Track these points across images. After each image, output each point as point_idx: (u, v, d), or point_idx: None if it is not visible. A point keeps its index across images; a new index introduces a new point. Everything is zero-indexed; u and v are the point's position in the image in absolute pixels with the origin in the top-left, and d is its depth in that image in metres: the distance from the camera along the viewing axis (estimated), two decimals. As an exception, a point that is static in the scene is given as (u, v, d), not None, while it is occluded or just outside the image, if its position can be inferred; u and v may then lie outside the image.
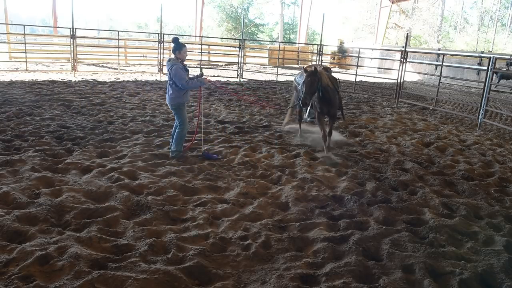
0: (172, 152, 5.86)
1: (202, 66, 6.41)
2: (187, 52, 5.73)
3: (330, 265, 3.31)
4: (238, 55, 16.81)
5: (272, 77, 17.65)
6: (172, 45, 5.71)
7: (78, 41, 16.57)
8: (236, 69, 17.23)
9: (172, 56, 5.71)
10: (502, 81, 17.59)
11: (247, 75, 17.09)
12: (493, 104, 13.52)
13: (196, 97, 11.49)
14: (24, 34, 15.77)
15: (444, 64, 12.27)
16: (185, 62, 5.78)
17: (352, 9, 44.61)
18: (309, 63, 24.89)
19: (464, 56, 21.98)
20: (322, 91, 6.16)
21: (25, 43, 15.17)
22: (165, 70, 17.34)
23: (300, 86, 6.51)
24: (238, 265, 3.30)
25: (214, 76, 16.86)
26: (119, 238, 3.57)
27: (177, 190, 4.68)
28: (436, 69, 21.30)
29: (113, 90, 11.77)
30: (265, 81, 16.52)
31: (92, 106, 9.15)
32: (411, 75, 20.90)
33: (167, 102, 5.89)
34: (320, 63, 7.01)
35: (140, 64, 21.02)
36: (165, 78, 15.90)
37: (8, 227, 3.47)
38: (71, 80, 13.30)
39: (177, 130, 5.83)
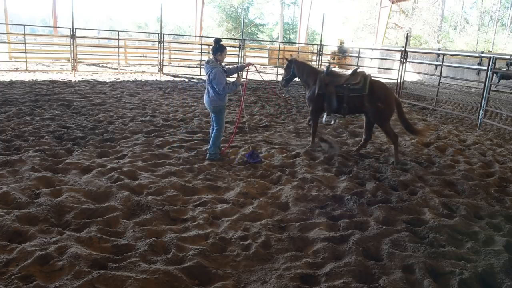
0: (210, 154, 5.86)
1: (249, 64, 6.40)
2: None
3: (330, 265, 3.31)
4: (238, 55, 16.81)
5: (272, 77, 17.65)
6: (213, 46, 5.64)
7: (78, 41, 16.57)
8: (236, 69, 17.20)
9: (211, 57, 5.72)
10: (502, 81, 17.59)
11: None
12: (493, 104, 13.52)
13: (196, 97, 11.50)
14: (24, 34, 15.77)
15: (444, 64, 12.28)
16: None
17: (352, 9, 44.63)
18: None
19: (464, 56, 21.97)
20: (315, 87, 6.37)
21: (25, 43, 15.18)
22: (165, 70, 17.40)
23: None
24: (238, 265, 3.30)
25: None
26: (119, 238, 3.57)
27: (177, 190, 4.68)
28: (436, 69, 21.30)
29: (113, 90, 11.78)
30: (265, 81, 16.50)
31: (92, 106, 9.15)
32: (411, 75, 20.90)
33: (206, 104, 5.90)
34: (357, 67, 6.84)
35: (140, 64, 21.01)
36: (165, 78, 15.90)
37: (8, 227, 3.47)
38: (71, 80, 13.30)
39: (214, 133, 5.85)
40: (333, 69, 6.74)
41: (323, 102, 6.43)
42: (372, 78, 6.35)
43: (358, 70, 6.43)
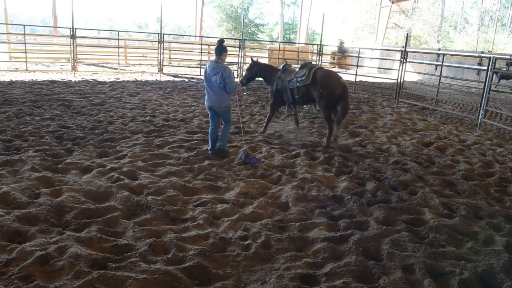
0: (221, 144, 6.04)
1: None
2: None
3: (330, 265, 3.31)
4: (238, 55, 16.82)
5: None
6: (218, 47, 5.80)
7: (78, 41, 16.57)
8: (236, 69, 17.23)
9: (214, 57, 5.82)
10: (502, 81, 17.60)
11: (247, 75, 17.05)
12: (493, 104, 13.52)
13: (196, 97, 11.50)
14: (24, 34, 15.77)
15: (444, 64, 12.27)
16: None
17: (352, 9, 44.61)
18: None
19: (464, 56, 21.98)
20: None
21: (25, 43, 15.18)
22: (165, 70, 17.38)
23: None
24: (238, 265, 3.30)
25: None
26: (119, 238, 3.57)
27: (177, 190, 4.68)
28: (436, 69, 21.31)
29: (113, 90, 11.78)
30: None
31: (92, 106, 9.15)
32: (411, 75, 20.90)
33: (211, 104, 5.90)
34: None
35: (140, 64, 21.01)
36: (165, 78, 15.90)
37: (8, 227, 3.47)
38: (71, 80, 13.30)
39: (224, 127, 6.06)
40: (290, 66, 7.49)
41: (282, 96, 7.34)
42: (325, 69, 7.12)
43: (307, 64, 7.20)
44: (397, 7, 37.48)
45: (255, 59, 7.70)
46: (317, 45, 16.60)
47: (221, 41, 5.84)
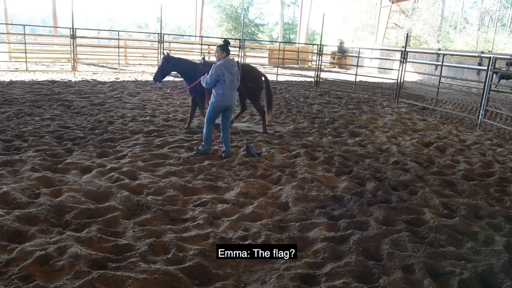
0: (229, 151, 6.09)
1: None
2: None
3: (330, 265, 3.31)
4: (238, 55, 16.81)
5: (272, 77, 17.64)
6: (227, 47, 5.93)
7: (78, 41, 16.58)
8: (236, 69, 17.21)
9: (226, 56, 5.91)
10: (502, 81, 17.61)
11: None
12: (493, 104, 13.52)
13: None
14: (24, 34, 15.79)
15: (444, 64, 12.27)
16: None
17: (352, 9, 44.62)
18: (309, 64, 25.01)
19: (464, 56, 22.00)
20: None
21: (25, 43, 15.20)
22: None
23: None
24: (238, 265, 3.30)
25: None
26: (119, 238, 3.57)
27: (177, 190, 4.68)
28: (436, 69, 21.32)
29: (113, 90, 11.78)
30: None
31: (92, 106, 9.15)
32: (411, 75, 20.91)
33: (231, 103, 5.97)
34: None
35: (140, 64, 21.01)
36: (165, 78, 15.86)
37: (8, 227, 3.47)
38: (71, 80, 13.30)
39: (226, 133, 6.06)
40: (208, 60, 7.83)
41: (203, 89, 7.24)
42: (247, 64, 7.82)
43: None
44: (397, 7, 37.49)
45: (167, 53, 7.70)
46: (317, 45, 16.59)
47: (228, 42, 6.01)
